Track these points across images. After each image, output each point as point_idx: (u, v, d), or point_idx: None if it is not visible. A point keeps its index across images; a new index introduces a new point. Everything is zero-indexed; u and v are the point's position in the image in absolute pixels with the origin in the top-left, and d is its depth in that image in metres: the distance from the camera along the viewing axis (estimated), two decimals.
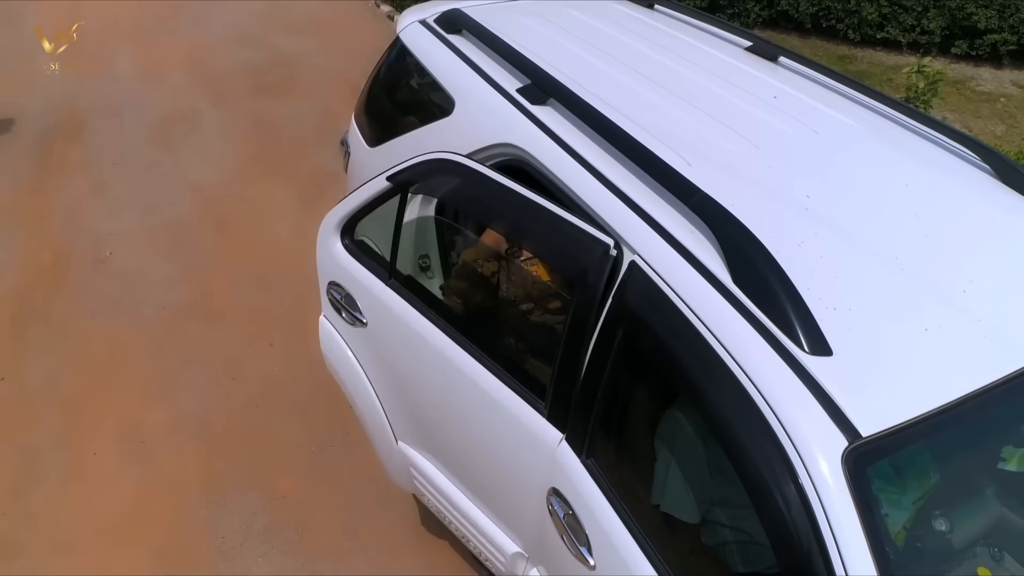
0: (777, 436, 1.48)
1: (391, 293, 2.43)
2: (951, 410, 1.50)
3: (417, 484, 2.73)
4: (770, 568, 1.62)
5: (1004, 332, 1.66)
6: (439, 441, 2.58)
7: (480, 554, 2.59)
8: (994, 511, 1.76)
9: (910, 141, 2.28)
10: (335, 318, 2.70)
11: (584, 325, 1.91)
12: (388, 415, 2.69)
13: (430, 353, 2.34)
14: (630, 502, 1.89)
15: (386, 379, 2.64)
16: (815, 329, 1.57)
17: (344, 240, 2.58)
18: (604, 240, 1.84)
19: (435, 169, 2.25)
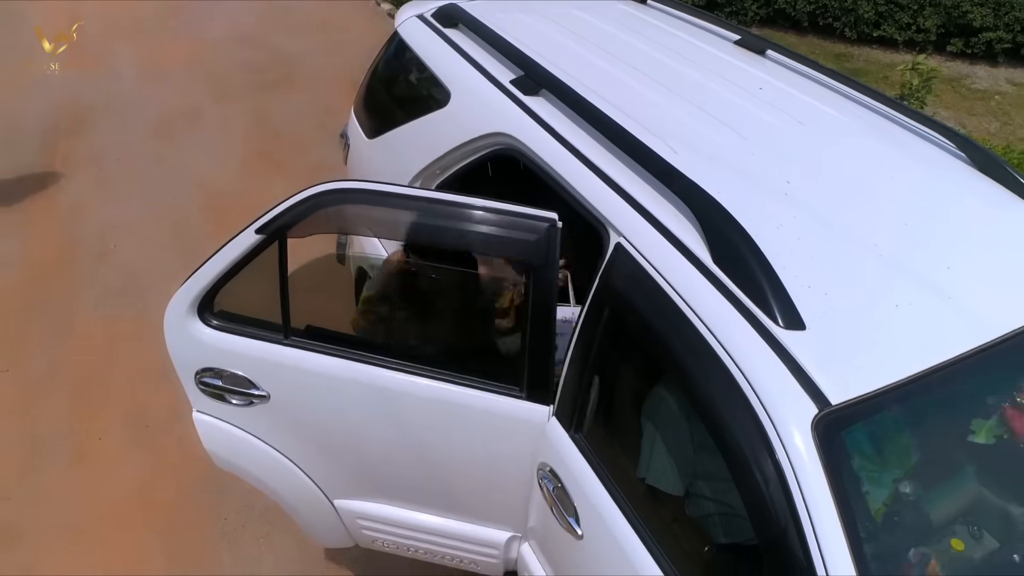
0: (752, 405, 1.56)
1: (294, 351, 2.23)
2: (918, 381, 1.58)
3: (370, 532, 2.59)
4: (750, 539, 1.69)
5: (973, 310, 1.74)
6: (392, 477, 2.44)
7: (464, 562, 2.57)
8: (965, 483, 1.83)
9: (892, 131, 2.35)
10: (216, 408, 2.41)
11: (549, 303, 1.98)
12: (316, 480, 2.50)
13: (366, 392, 2.21)
14: (617, 475, 1.97)
15: (307, 444, 2.44)
16: (790, 306, 1.65)
17: (207, 318, 2.28)
18: (548, 215, 1.92)
19: (325, 203, 2.07)
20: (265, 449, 2.43)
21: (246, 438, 2.42)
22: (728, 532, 1.94)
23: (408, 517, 2.48)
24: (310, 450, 2.43)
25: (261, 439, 2.42)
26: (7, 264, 4.56)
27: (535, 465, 2.15)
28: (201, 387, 2.36)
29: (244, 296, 2.30)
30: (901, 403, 1.60)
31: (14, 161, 5.51)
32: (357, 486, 2.48)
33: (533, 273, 1.97)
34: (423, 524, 2.48)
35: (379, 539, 2.60)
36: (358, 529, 2.58)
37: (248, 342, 2.26)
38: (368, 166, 3.15)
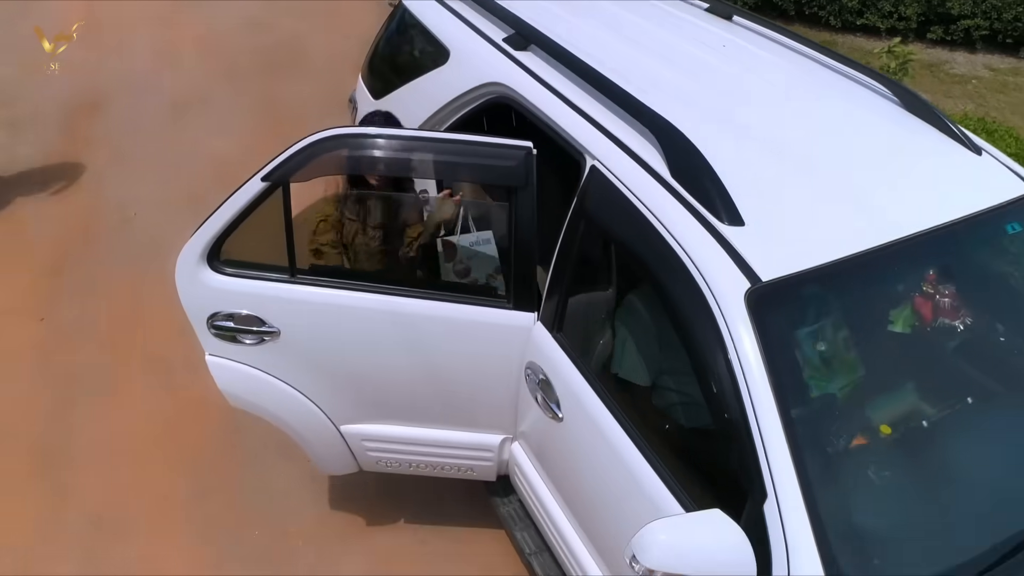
0: (699, 284, 1.90)
1: (301, 288, 2.47)
2: (834, 266, 1.92)
3: (374, 453, 2.84)
4: (706, 424, 2.02)
5: (887, 214, 2.07)
6: (395, 397, 2.68)
7: (461, 470, 2.88)
8: (882, 368, 2.16)
9: (835, 80, 2.69)
10: (228, 350, 2.61)
11: (531, 224, 2.30)
12: (324, 409, 2.71)
13: (369, 317, 2.44)
14: (592, 368, 2.30)
15: (314, 374, 2.64)
16: (732, 207, 1.98)
17: (216, 266, 2.50)
18: (524, 144, 2.26)
19: (322, 149, 2.31)
20: (276, 384, 2.65)
21: (258, 375, 2.64)
22: (688, 418, 2.26)
23: (410, 433, 2.77)
24: (318, 380, 2.66)
25: (272, 375, 2.64)
26: (39, 229, 4.89)
27: (523, 366, 2.47)
28: (213, 331, 2.58)
29: (248, 243, 2.53)
30: (818, 283, 1.94)
31: (39, 140, 5.84)
32: (362, 410, 2.75)
33: (515, 194, 2.30)
34: (424, 438, 2.77)
35: (383, 459, 2.90)
36: (363, 452, 2.87)
37: (257, 283, 2.50)
38: None
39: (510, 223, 2.35)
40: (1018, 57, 8.49)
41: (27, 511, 3.33)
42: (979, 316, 2.14)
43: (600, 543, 2.35)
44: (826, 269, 1.92)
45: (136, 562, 3.17)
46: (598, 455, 2.19)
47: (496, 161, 2.28)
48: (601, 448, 2.16)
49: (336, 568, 3.18)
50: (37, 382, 3.91)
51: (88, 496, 3.40)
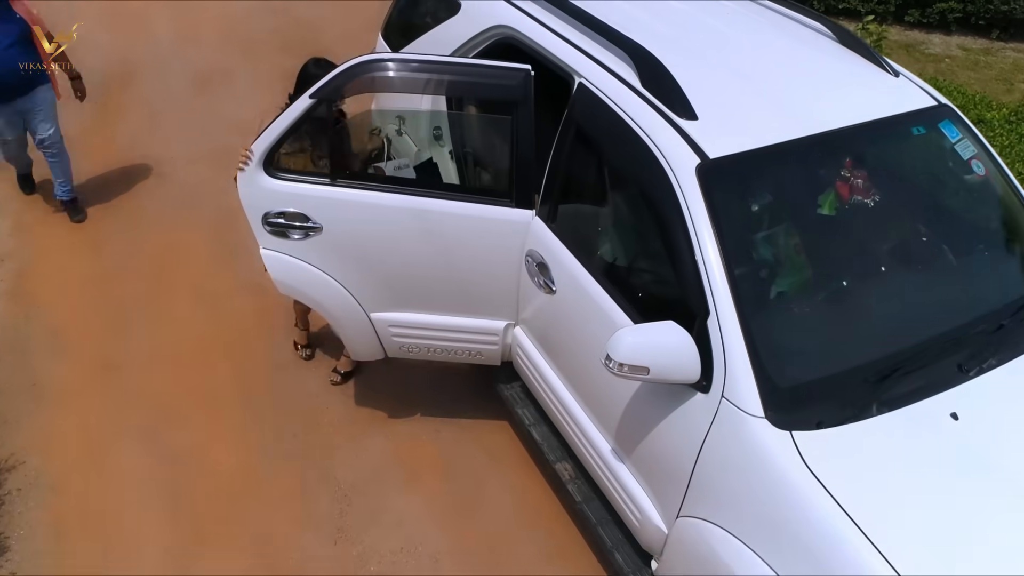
0: (661, 162, 2.44)
1: (340, 190, 2.97)
2: (769, 147, 2.45)
3: (398, 339, 3.33)
4: (665, 268, 2.53)
5: (814, 115, 2.61)
6: (415, 288, 3.14)
7: (471, 353, 3.40)
8: (804, 223, 2.66)
9: (781, 20, 3.23)
10: (279, 243, 3.08)
11: (529, 134, 2.82)
12: (357, 297, 3.18)
13: (397, 214, 2.92)
14: (581, 251, 2.83)
15: (350, 266, 3.08)
16: (688, 106, 2.53)
17: (272, 171, 2.98)
18: (524, 67, 2.78)
19: (360, 71, 2.81)
20: (317, 274, 3.16)
21: (303, 266, 3.14)
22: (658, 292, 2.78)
23: (428, 320, 3.29)
24: (352, 271, 3.15)
25: (314, 265, 3.14)
26: (83, 184, 5.41)
27: (523, 254, 3.00)
28: (267, 227, 3.10)
29: None
30: (754, 160, 2.47)
31: (78, 109, 6.35)
32: (389, 299, 3.27)
33: (516, 109, 2.83)
34: (440, 324, 3.30)
35: (405, 344, 3.42)
36: (389, 337, 3.39)
37: (304, 186, 3.01)
38: None
39: (512, 134, 2.87)
40: (990, 38, 9.03)
41: (97, 407, 3.86)
42: (885, 194, 2.68)
43: (590, 398, 2.87)
44: (761, 150, 2.46)
45: (191, 447, 3.69)
46: (584, 313, 2.72)
47: (501, 81, 2.81)
48: (586, 306, 2.70)
49: (361, 451, 3.70)
50: (97, 308, 4.43)
51: (147, 396, 3.93)
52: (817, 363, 2.34)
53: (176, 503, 3.44)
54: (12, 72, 4.44)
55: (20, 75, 4.48)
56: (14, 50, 4.41)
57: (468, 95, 2.99)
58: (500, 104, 2.94)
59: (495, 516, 3.44)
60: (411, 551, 3.30)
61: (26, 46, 4.48)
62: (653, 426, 2.46)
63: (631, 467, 2.66)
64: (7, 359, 4.08)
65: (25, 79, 4.52)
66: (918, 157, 2.89)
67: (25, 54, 4.47)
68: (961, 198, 2.90)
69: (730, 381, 2.21)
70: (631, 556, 2.84)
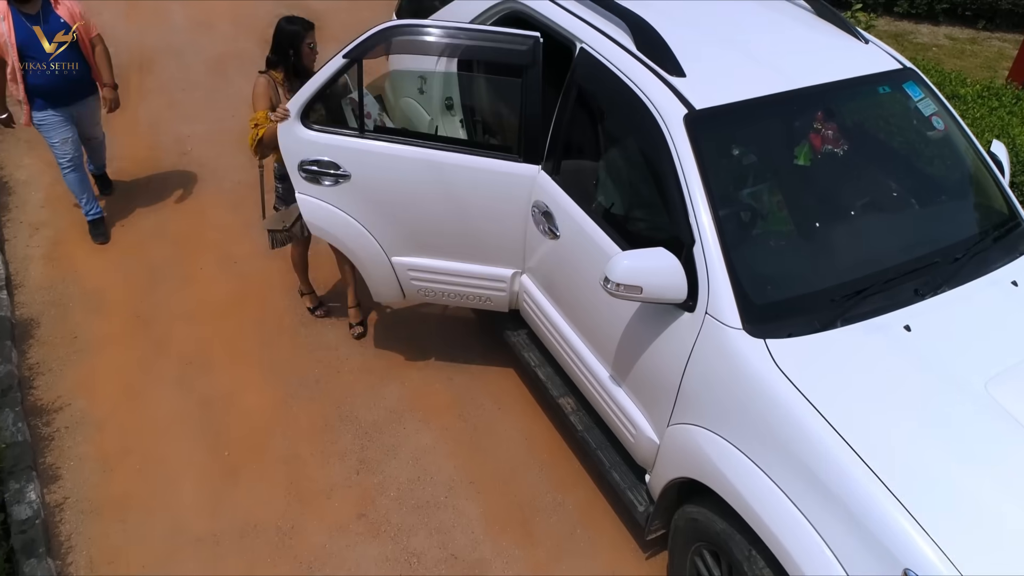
0: (653, 113, 2.75)
1: (367, 141, 3.33)
2: (750, 100, 2.77)
3: (416, 283, 3.65)
4: (657, 207, 2.84)
5: (789, 72, 2.92)
6: (430, 235, 3.46)
7: (481, 299, 3.71)
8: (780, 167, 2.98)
9: None
10: (313, 190, 3.45)
11: (537, 95, 3.13)
12: (380, 242, 3.53)
13: (418, 165, 3.25)
14: (582, 197, 3.14)
15: (374, 212, 3.42)
16: (677, 64, 2.84)
17: (307, 123, 3.35)
18: (533, 34, 3.10)
19: (388, 35, 3.18)
20: (345, 218, 3.53)
21: (332, 210, 3.51)
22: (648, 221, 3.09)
23: (443, 265, 3.62)
24: (376, 217, 3.49)
25: (343, 210, 3.51)
26: (111, 162, 5.70)
27: (530, 205, 3.31)
28: (303, 174, 3.47)
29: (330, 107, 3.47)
30: (736, 111, 2.78)
31: None
32: (408, 244, 3.59)
33: (525, 72, 3.14)
34: (454, 270, 3.62)
35: (423, 288, 3.74)
36: (408, 281, 3.71)
37: (336, 136, 3.37)
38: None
39: (521, 95, 3.18)
40: (976, 28, 9.36)
41: (133, 356, 4.18)
42: (854, 145, 2.99)
43: (589, 331, 3.19)
44: (741, 103, 2.77)
45: (219, 392, 4.00)
46: (585, 253, 3.03)
47: (512, 46, 3.12)
48: (586, 246, 3.01)
49: (379, 396, 4.01)
50: (127, 270, 4.75)
51: (178, 348, 4.24)
52: (788, 285, 2.65)
53: (209, 438, 3.75)
54: (65, 81, 4.46)
55: (73, 83, 4.51)
56: (64, 55, 4.40)
57: (484, 58, 3.30)
58: (511, 67, 3.24)
59: (503, 451, 3.75)
60: (426, 480, 3.61)
61: (74, 52, 4.47)
62: (645, 347, 2.78)
63: (627, 389, 2.98)
64: (49, 314, 4.39)
65: (78, 87, 4.57)
66: (884, 113, 3.21)
67: (74, 59, 4.48)
68: (922, 149, 3.23)
69: (713, 299, 2.52)
70: (627, 474, 3.16)
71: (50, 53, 4.36)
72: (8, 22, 4.23)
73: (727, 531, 2.51)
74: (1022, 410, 2.28)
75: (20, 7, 4.25)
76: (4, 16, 4.22)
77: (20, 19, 4.26)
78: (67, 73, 4.45)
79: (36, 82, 4.38)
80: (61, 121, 4.58)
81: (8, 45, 4.25)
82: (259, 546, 3.31)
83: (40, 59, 4.33)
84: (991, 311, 2.61)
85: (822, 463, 2.20)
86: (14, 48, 4.26)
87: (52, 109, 4.51)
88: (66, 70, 4.44)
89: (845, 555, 2.13)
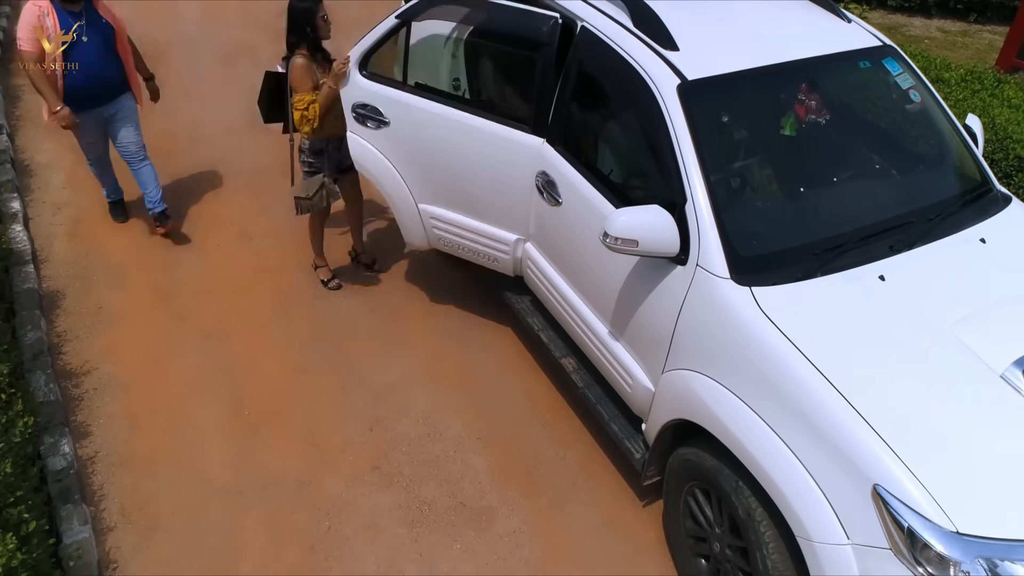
0: (649, 84, 2.97)
1: (406, 94, 3.75)
2: (738, 72, 2.98)
3: (437, 231, 4.00)
4: (652, 173, 3.05)
5: (780, 46, 3.14)
6: (450, 187, 3.80)
7: (489, 258, 3.97)
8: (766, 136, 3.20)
9: None
10: (361, 130, 3.92)
11: (549, 71, 3.36)
12: (409, 187, 3.94)
13: (445, 123, 3.61)
14: (583, 165, 3.35)
15: (406, 159, 3.83)
16: (670, 39, 3.06)
17: (362, 72, 3.85)
18: (552, 14, 3.32)
19: (436, 2, 3.58)
20: (382, 159, 3.95)
21: (373, 151, 3.95)
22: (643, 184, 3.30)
23: (459, 219, 3.93)
24: (407, 163, 3.89)
25: (381, 152, 3.93)
26: None
27: (535, 175, 3.53)
28: (354, 115, 3.92)
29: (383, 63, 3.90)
30: (725, 82, 2.99)
31: None
32: (431, 194, 3.92)
33: (542, 49, 3.36)
34: (467, 225, 3.92)
35: (442, 238, 4.05)
36: (431, 228, 4.04)
37: (382, 86, 3.80)
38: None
39: (535, 71, 3.40)
40: (968, 21, 9.58)
41: (156, 325, 4.39)
42: (835, 115, 3.21)
43: (589, 290, 3.40)
44: (730, 74, 2.99)
45: (239, 358, 4.22)
46: (585, 215, 3.25)
47: (535, 23, 3.35)
48: (586, 209, 3.23)
49: (390, 362, 4.23)
50: (148, 247, 4.97)
51: (198, 318, 4.46)
52: (773, 240, 2.87)
53: (231, 400, 3.97)
54: (101, 79, 4.45)
55: (108, 83, 4.50)
56: (103, 56, 4.40)
57: (508, 32, 3.48)
58: (530, 43, 3.44)
59: (508, 411, 3.97)
60: (436, 437, 3.83)
61: (112, 51, 4.47)
62: (641, 301, 2.99)
63: (624, 343, 3.20)
64: (75, 286, 4.61)
65: (112, 86, 4.54)
66: (864, 86, 3.43)
67: (112, 60, 4.48)
68: (900, 120, 3.44)
69: (703, 252, 2.74)
70: (625, 426, 3.38)
71: (92, 51, 4.33)
72: (53, 18, 4.21)
73: (716, 466, 2.73)
74: (984, 349, 2.49)
75: (65, 5, 4.23)
76: (48, 12, 4.20)
77: (64, 16, 4.25)
78: (105, 72, 4.44)
79: (75, 82, 4.34)
80: (94, 123, 4.60)
81: (52, 42, 4.20)
82: (280, 496, 3.52)
83: (80, 58, 4.30)
84: (960, 264, 2.82)
85: (802, 395, 2.42)
86: (59, 46, 4.20)
87: (87, 110, 4.49)
88: (105, 69, 4.43)
89: (822, 477, 2.34)
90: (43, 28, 4.18)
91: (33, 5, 4.20)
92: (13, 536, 2.63)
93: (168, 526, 3.38)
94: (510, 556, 3.32)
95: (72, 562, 3.08)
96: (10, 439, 3.07)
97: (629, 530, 3.43)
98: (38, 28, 4.17)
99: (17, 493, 2.86)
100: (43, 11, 4.20)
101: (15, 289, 4.41)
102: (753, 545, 2.60)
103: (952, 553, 2.12)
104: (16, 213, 5.00)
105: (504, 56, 3.88)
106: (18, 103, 6.48)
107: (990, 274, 2.80)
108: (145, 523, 3.38)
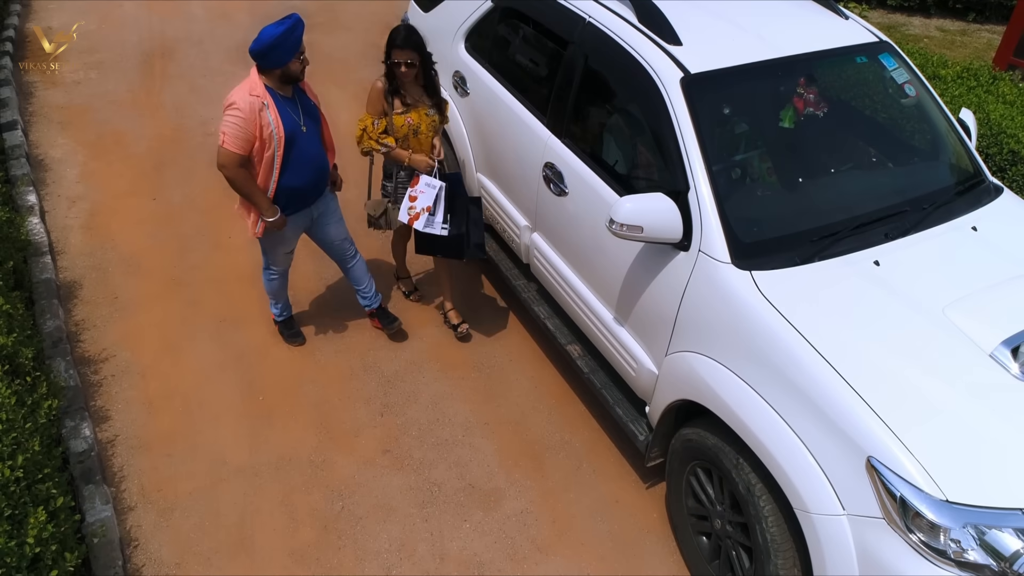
0: (652, 77, 3.08)
1: (482, 69, 4.21)
2: (739, 66, 3.09)
3: (483, 196, 4.39)
4: (655, 160, 3.17)
5: (776, 42, 3.25)
6: (494, 163, 4.20)
7: (508, 237, 4.22)
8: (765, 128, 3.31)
9: None
10: (453, 94, 4.43)
11: (574, 69, 3.48)
12: (473, 154, 4.39)
13: (496, 100, 4.03)
14: (589, 156, 3.47)
15: (473, 129, 4.32)
16: (674, 35, 3.17)
17: (465, 45, 4.35)
18: (581, 14, 3.43)
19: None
20: (461, 126, 4.45)
21: (458, 117, 4.44)
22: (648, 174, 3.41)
23: (492, 191, 4.32)
24: (474, 133, 4.37)
25: (462, 119, 4.44)
26: (139, 142, 6.07)
27: (542, 166, 3.64)
28: (453, 81, 4.41)
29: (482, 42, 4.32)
30: (727, 76, 3.11)
31: (127, 78, 7.02)
32: (484, 165, 4.35)
33: (568, 47, 3.49)
34: (496, 198, 4.29)
35: (485, 205, 4.33)
36: (479, 190, 4.42)
37: (473, 62, 4.29)
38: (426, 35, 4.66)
39: (559, 71, 3.53)
40: (966, 21, 9.69)
41: (171, 314, 4.51)
42: (833, 108, 3.33)
43: (594, 277, 3.51)
44: (731, 68, 3.10)
45: (252, 346, 4.33)
46: (590, 204, 3.36)
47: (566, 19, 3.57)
48: (592, 198, 3.34)
49: (400, 350, 4.34)
50: (161, 238, 5.09)
51: (211, 306, 4.57)
52: (772, 227, 2.98)
53: (245, 385, 4.08)
54: (321, 176, 3.73)
55: (324, 179, 3.79)
56: (319, 147, 3.69)
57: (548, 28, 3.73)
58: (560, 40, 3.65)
59: (514, 397, 4.08)
60: (444, 422, 3.94)
61: (322, 139, 3.75)
62: (645, 287, 3.10)
63: (628, 328, 3.31)
64: (91, 277, 4.72)
65: (324, 179, 3.79)
66: (860, 80, 3.54)
67: (324, 150, 3.76)
68: (895, 113, 3.56)
69: (705, 238, 2.85)
70: (629, 409, 3.49)
71: (314, 143, 3.65)
72: (273, 111, 3.42)
73: (718, 445, 2.84)
74: (974, 329, 2.60)
75: (281, 91, 3.50)
76: (269, 105, 3.41)
77: (283, 105, 3.48)
78: (323, 165, 3.73)
79: (291, 182, 3.58)
80: (299, 228, 3.89)
81: (274, 138, 3.44)
82: (294, 476, 3.64)
83: (301, 152, 3.57)
84: (952, 251, 2.93)
85: (799, 374, 2.53)
86: (282, 141, 3.46)
87: (299, 211, 3.76)
88: (323, 162, 3.72)
89: (819, 451, 2.45)
90: (260, 126, 3.41)
91: (249, 96, 3.39)
92: (43, 509, 2.74)
93: (186, 506, 3.49)
94: (517, 535, 3.43)
95: (96, 539, 3.19)
96: (36, 419, 3.18)
97: (633, 510, 3.54)
98: (254, 124, 3.40)
99: (45, 470, 2.97)
100: (262, 104, 3.40)
101: (33, 279, 4.52)
102: (753, 519, 2.71)
103: (942, 520, 2.23)
104: (33, 206, 5.11)
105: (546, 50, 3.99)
106: (31, 99, 6.60)
107: (981, 260, 2.91)
108: (164, 503, 3.49)
